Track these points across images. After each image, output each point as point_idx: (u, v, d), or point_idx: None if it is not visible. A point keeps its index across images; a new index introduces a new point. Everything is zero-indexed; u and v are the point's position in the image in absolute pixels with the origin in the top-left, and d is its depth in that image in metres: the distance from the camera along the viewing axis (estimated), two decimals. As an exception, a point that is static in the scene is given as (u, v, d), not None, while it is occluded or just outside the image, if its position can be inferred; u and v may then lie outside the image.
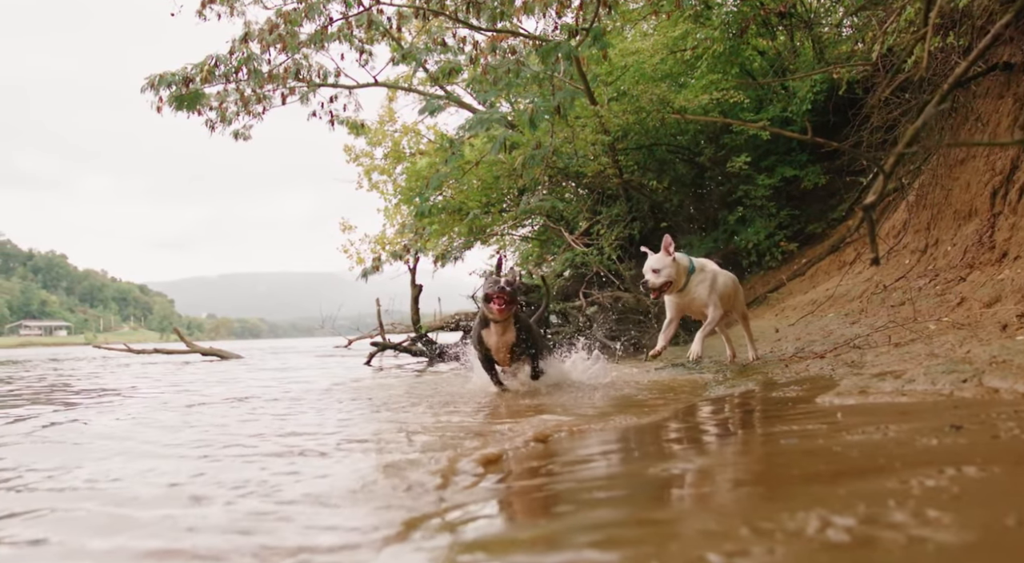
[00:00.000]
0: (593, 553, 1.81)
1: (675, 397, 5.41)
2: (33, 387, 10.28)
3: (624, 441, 3.79)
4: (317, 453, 3.67)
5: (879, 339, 5.92)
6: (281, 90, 13.62)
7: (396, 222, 19.76)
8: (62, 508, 2.77)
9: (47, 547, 2.28)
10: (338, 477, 3.11)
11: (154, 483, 3.14)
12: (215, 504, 2.69)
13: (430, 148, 18.45)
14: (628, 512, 2.29)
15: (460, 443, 3.81)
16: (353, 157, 20.57)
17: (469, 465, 3.25)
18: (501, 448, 3.54)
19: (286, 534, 2.26)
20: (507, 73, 11.47)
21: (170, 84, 12.47)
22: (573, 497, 2.63)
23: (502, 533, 2.24)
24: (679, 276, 6.84)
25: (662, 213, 13.52)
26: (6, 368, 18.13)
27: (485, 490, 2.82)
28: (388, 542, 2.14)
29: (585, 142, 12.46)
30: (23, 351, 58.97)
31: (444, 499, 2.71)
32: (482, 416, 4.98)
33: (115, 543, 2.27)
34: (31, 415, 6.08)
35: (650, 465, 3.02)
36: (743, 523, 1.83)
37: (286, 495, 2.80)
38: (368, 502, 2.66)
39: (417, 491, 2.81)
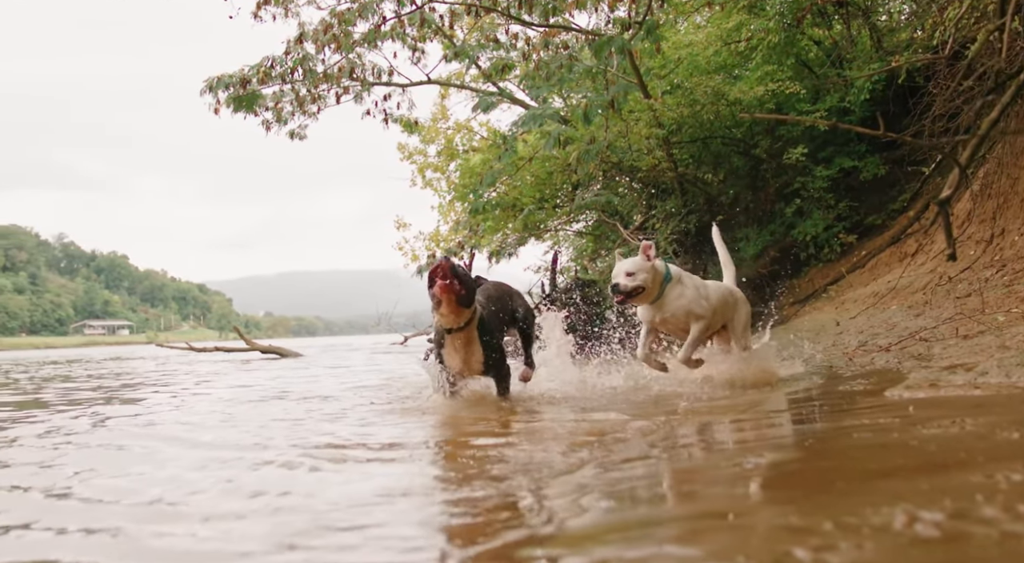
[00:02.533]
0: (673, 547, 1.80)
1: (741, 392, 5.36)
2: (108, 384, 10.51)
3: (691, 437, 3.76)
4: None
5: (946, 331, 5.79)
6: (335, 89, 13.77)
7: (450, 219, 19.87)
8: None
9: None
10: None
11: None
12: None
13: (483, 145, 18.49)
14: (703, 506, 2.27)
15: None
16: (407, 155, 20.71)
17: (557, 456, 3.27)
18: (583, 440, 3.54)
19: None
20: (560, 68, 11.46)
21: (228, 86, 12.67)
22: (645, 491, 2.62)
23: (577, 527, 2.23)
24: (653, 284, 6.07)
25: (717, 206, 13.39)
26: (80, 366, 18.57)
27: (559, 486, 2.82)
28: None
29: (639, 136, 12.37)
30: (87, 350, 60.33)
31: (514, 493, 2.73)
32: (560, 410, 4.99)
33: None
34: (110, 414, 6.22)
35: (721, 460, 3.00)
36: (826, 518, 1.81)
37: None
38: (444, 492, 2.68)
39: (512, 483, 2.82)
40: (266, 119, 13.79)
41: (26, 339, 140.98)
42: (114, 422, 5.49)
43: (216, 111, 13.05)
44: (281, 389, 8.12)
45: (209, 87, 12.68)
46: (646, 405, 4.99)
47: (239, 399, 7.14)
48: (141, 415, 5.93)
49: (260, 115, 13.66)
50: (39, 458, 4.00)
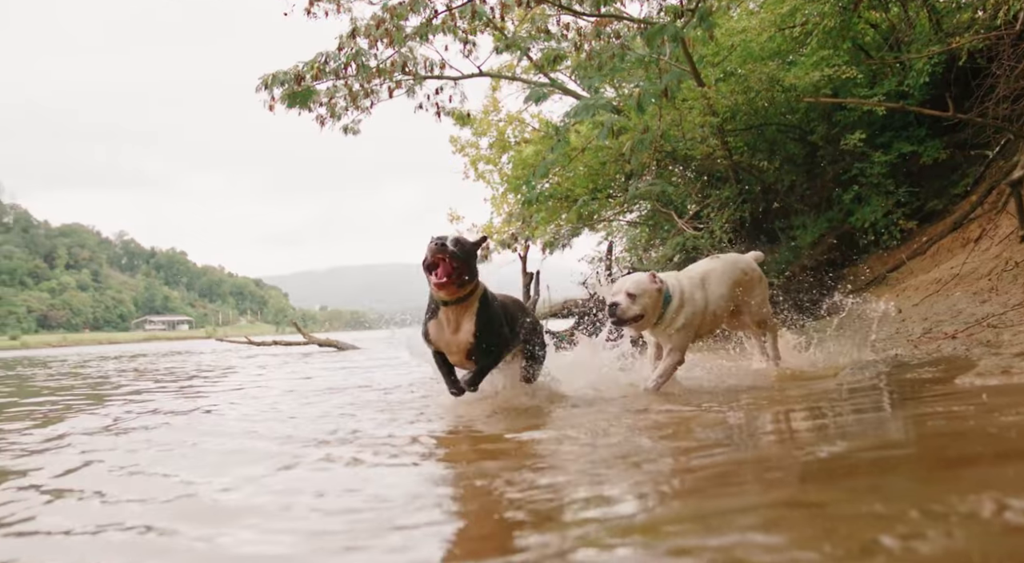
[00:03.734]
0: (757, 535, 1.80)
1: (804, 383, 5.30)
2: (175, 378, 10.74)
3: (758, 426, 3.74)
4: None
5: (1015, 318, 5.67)
6: (388, 84, 13.86)
7: (503, 211, 19.88)
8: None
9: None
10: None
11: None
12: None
13: (535, 136, 18.49)
14: (782, 494, 2.26)
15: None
16: (459, 148, 20.76)
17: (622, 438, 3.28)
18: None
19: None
20: (612, 58, 11.41)
21: (283, 82, 12.83)
22: (721, 480, 2.62)
23: (656, 516, 2.24)
24: (653, 312, 5.69)
25: (773, 194, 13.24)
26: (145, 360, 18.98)
27: (636, 475, 2.83)
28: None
29: (693, 124, 12.29)
30: (149, 345, 61.54)
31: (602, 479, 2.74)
32: (630, 403, 4.99)
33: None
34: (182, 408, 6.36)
35: (793, 448, 2.98)
36: (911, 506, 1.79)
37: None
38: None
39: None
40: (320, 115, 13.93)
41: (89, 335, 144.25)
42: (185, 417, 5.61)
43: (271, 108, 13.20)
44: (340, 382, 8.22)
45: (264, 84, 12.84)
46: (714, 397, 4.95)
47: (300, 391, 7.27)
48: (212, 411, 6.05)
49: (314, 111, 13.79)
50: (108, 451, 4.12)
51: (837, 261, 12.11)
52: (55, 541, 2.46)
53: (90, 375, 13.26)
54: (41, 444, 4.52)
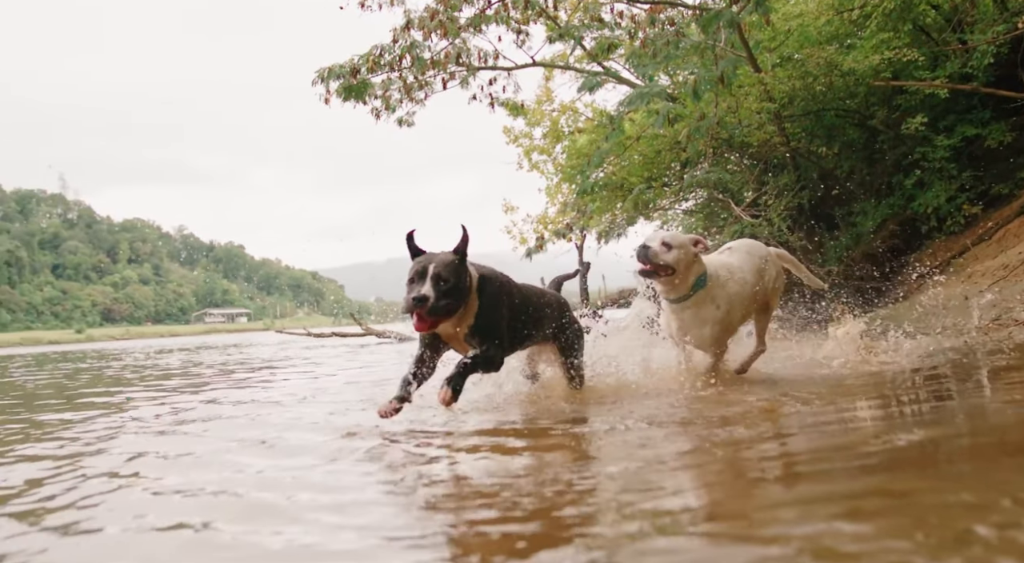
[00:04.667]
0: (844, 524, 1.78)
1: (877, 372, 5.22)
2: (241, 368, 10.93)
3: (835, 414, 3.70)
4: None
5: (1087, 303, 5.53)
6: (442, 75, 13.89)
7: (557, 200, 19.89)
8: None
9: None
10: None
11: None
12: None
13: (589, 125, 18.42)
14: (867, 483, 2.23)
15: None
16: (512, 138, 20.80)
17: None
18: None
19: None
20: (666, 45, 11.32)
21: (338, 76, 12.94)
22: (801, 468, 2.60)
23: (736, 504, 2.23)
24: (686, 272, 5.11)
25: (832, 180, 13.05)
26: (210, 352, 19.33)
27: (708, 461, 2.83)
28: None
29: (750, 111, 12.15)
30: (210, 337, 62.59)
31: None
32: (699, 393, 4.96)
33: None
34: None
35: (871, 437, 2.95)
36: (1002, 494, 1.76)
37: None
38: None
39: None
40: (375, 107, 14.01)
41: (151, 328, 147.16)
42: (252, 407, 5.72)
43: (326, 101, 13.31)
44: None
45: (321, 78, 12.96)
46: (781, 387, 4.89)
47: (361, 381, 7.35)
48: (286, 403, 6.15)
49: (369, 103, 13.88)
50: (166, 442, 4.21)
51: (899, 248, 11.90)
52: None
53: (172, 366, 13.56)
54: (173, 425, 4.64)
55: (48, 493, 3.12)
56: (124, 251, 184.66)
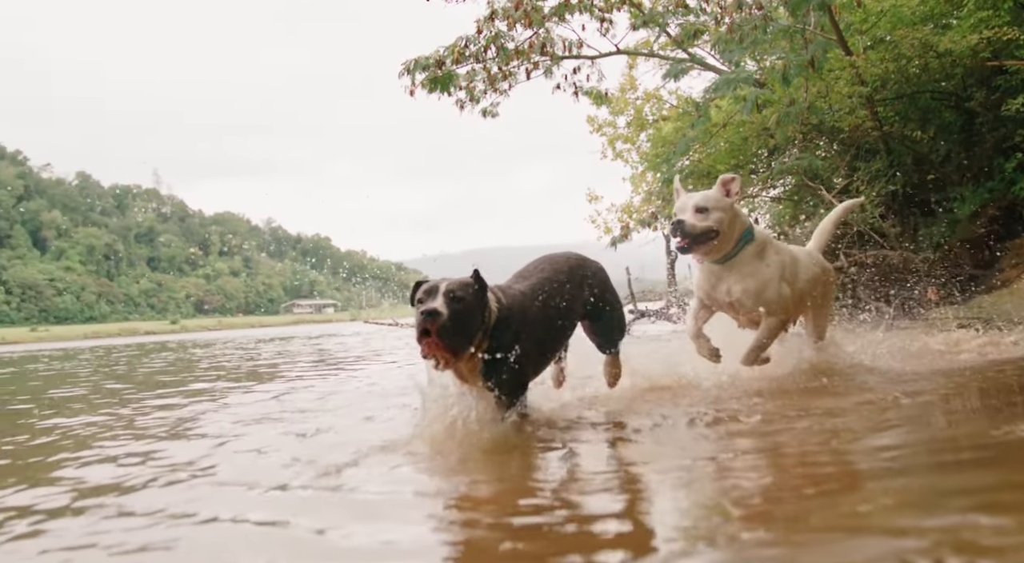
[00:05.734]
0: (981, 517, 1.75)
1: (968, 363, 5.08)
2: (340, 358, 11.17)
3: (947, 406, 3.62)
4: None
5: None
6: (526, 65, 13.92)
7: (642, 189, 19.77)
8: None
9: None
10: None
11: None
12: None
13: (673, 113, 18.26)
14: (997, 476, 2.18)
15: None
16: (596, 127, 20.74)
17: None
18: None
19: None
20: (754, 30, 11.14)
21: (424, 67, 13.07)
22: (917, 459, 2.57)
23: (860, 495, 2.21)
24: (730, 230, 4.66)
25: (927, 165, 12.69)
26: (309, 342, 19.78)
27: (829, 452, 2.81)
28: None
29: (840, 95, 11.89)
30: (299, 328, 63.84)
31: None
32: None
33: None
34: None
35: (990, 428, 2.88)
36: None
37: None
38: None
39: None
40: (459, 98, 14.11)
41: (242, 319, 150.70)
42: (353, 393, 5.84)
43: (411, 93, 13.46)
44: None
45: (407, 69, 13.11)
46: (886, 376, 4.78)
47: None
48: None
49: (454, 95, 13.98)
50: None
51: (999, 234, 11.51)
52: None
53: (264, 355, 13.93)
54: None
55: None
56: (215, 244, 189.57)
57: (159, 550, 2.29)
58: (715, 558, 1.83)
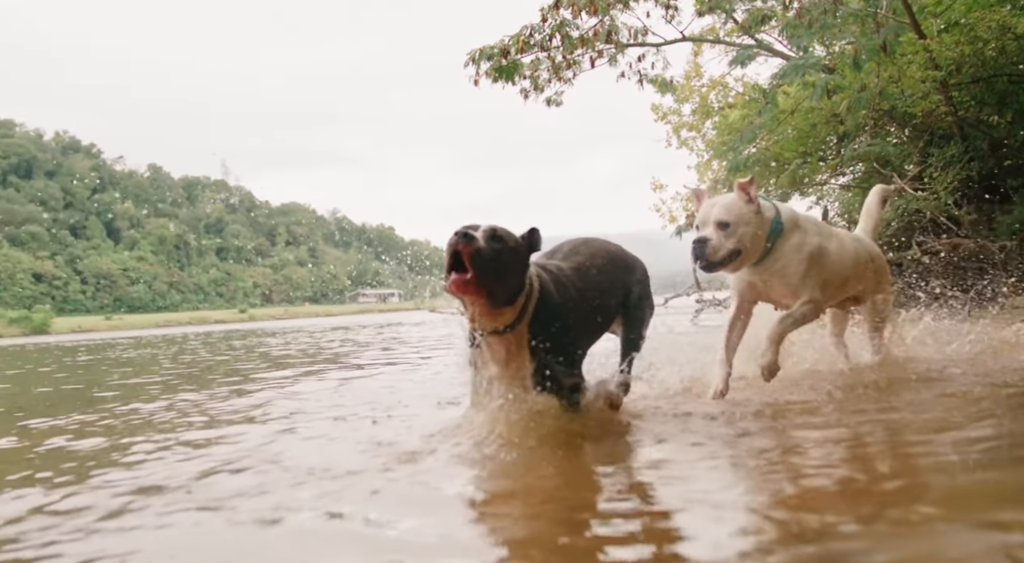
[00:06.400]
0: None
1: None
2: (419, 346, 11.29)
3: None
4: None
5: None
6: (590, 54, 13.85)
7: (708, 178, 19.53)
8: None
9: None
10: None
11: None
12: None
13: (739, 100, 18.01)
14: None
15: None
16: (660, 115, 20.54)
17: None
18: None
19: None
20: (823, 14, 10.96)
21: (489, 57, 13.08)
22: (1007, 452, 2.53)
23: (956, 488, 2.19)
24: (754, 245, 4.33)
25: (1005, 150, 12.33)
26: (388, 329, 20.02)
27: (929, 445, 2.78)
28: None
29: (913, 80, 11.59)
30: (365, 317, 64.63)
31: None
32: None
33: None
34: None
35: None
36: None
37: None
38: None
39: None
40: (524, 88, 14.10)
41: (308, 308, 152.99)
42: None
43: (476, 82, 13.47)
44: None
45: (472, 59, 13.13)
46: (963, 368, 4.68)
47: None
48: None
49: (518, 84, 13.97)
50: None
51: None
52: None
53: (333, 344, 14.14)
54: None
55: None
56: (282, 234, 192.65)
57: (229, 538, 2.34)
58: (807, 551, 1.81)
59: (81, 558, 2.20)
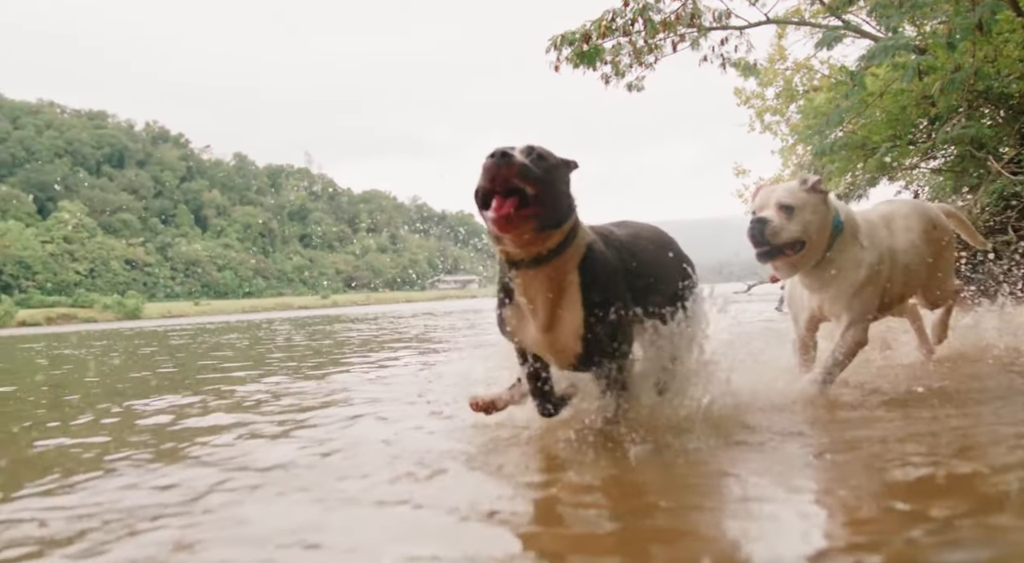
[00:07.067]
0: None
1: None
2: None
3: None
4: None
5: None
6: (672, 38, 13.68)
7: (792, 163, 19.21)
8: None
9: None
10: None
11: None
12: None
13: (825, 83, 17.62)
14: None
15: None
16: (743, 100, 20.27)
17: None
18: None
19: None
20: (914, -7, 10.63)
21: (570, 42, 13.01)
22: None
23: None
24: (819, 238, 3.87)
25: (1108, 132, 11.85)
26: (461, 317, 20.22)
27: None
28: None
29: (1011, 59, 11.21)
30: (446, 303, 65.26)
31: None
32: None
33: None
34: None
35: None
36: None
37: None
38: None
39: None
40: (605, 73, 14.00)
41: (389, 294, 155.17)
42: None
43: (556, 68, 13.40)
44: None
45: (553, 45, 13.07)
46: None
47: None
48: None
49: (599, 69, 13.88)
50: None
51: None
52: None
53: (415, 329, 14.33)
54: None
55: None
56: (363, 221, 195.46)
57: (308, 529, 2.38)
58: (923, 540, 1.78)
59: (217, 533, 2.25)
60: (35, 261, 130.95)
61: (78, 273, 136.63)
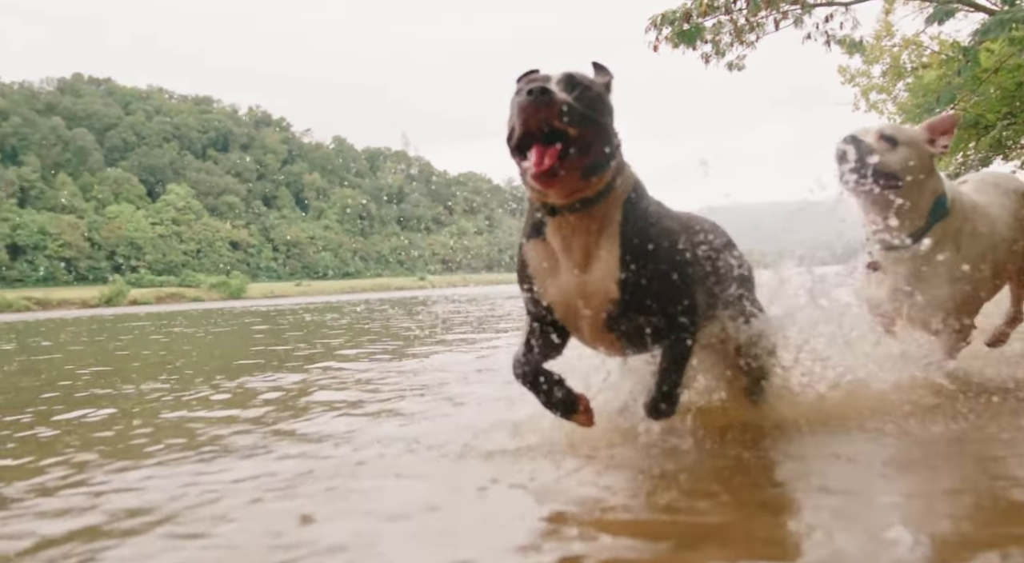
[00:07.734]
0: None
1: None
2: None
3: None
4: None
5: None
6: (774, 15, 13.42)
7: (899, 142, 18.69)
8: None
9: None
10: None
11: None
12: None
13: (935, 59, 17.05)
14: None
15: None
16: (848, 78, 19.77)
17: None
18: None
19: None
20: (1034, -37, 10.22)
21: (671, 21, 12.87)
22: None
23: None
24: (919, 189, 3.25)
25: None
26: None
27: None
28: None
29: None
30: (501, 288, 65.28)
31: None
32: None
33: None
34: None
35: None
36: None
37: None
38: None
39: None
40: (705, 52, 13.83)
41: (485, 276, 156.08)
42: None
43: (655, 48, 13.28)
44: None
45: (653, 24, 12.96)
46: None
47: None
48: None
49: (699, 49, 13.71)
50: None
51: None
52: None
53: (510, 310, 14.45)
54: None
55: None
56: (460, 203, 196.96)
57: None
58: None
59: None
60: (145, 242, 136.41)
61: (185, 254, 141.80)
